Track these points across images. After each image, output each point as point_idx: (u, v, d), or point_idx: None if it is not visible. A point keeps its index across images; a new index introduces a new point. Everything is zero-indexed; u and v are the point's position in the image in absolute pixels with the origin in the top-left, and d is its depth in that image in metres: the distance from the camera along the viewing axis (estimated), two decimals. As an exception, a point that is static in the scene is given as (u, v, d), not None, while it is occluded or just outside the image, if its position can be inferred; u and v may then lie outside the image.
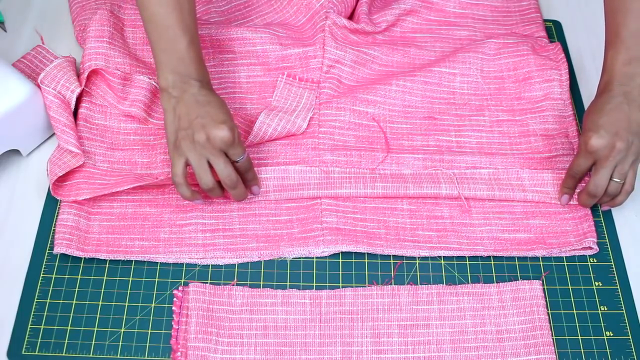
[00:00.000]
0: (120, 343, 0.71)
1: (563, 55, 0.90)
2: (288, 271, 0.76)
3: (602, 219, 0.80)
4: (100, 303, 0.74)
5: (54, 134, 0.84)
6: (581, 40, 0.97)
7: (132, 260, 0.76)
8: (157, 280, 0.75)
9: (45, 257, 0.76)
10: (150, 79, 0.85)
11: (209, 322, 0.71)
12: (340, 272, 0.76)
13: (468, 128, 0.87)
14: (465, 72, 0.90)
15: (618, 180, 0.75)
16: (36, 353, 0.71)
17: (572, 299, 0.76)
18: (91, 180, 0.79)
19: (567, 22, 0.99)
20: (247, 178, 0.77)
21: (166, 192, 0.80)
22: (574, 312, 0.75)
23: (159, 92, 0.76)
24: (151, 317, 0.73)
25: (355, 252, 0.77)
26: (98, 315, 0.73)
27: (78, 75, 0.84)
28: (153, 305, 0.74)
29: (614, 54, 0.76)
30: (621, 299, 0.76)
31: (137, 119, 0.84)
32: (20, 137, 0.82)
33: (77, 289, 0.74)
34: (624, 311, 0.75)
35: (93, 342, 0.71)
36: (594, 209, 0.80)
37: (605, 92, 0.77)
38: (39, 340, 0.71)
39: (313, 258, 0.77)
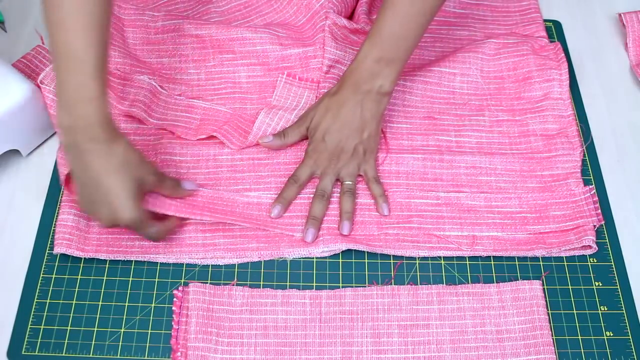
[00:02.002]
0: (120, 343, 0.71)
1: (563, 55, 0.90)
2: (288, 271, 0.76)
3: (599, 211, 0.80)
4: (100, 303, 0.74)
5: (54, 133, 0.84)
6: (581, 40, 0.97)
7: (132, 260, 0.76)
8: (157, 280, 0.75)
9: (45, 257, 0.76)
10: (150, 79, 0.85)
11: (209, 322, 0.71)
12: (340, 272, 0.76)
13: (468, 128, 0.87)
14: (465, 72, 0.90)
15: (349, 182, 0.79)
16: (36, 353, 0.71)
17: (572, 299, 0.76)
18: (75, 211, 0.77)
19: (567, 22, 0.99)
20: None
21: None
22: (574, 312, 0.75)
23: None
24: (151, 317, 0.73)
25: (355, 252, 0.77)
26: (98, 315, 0.73)
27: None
28: (153, 305, 0.74)
29: (370, 48, 0.77)
30: (621, 299, 0.76)
31: (138, 119, 0.84)
32: (20, 137, 0.82)
33: (77, 289, 0.74)
34: (624, 311, 0.75)
35: (93, 342, 0.71)
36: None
37: (347, 86, 0.78)
38: (39, 340, 0.71)
39: (313, 258, 0.77)
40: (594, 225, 0.78)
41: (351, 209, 0.78)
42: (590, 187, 0.81)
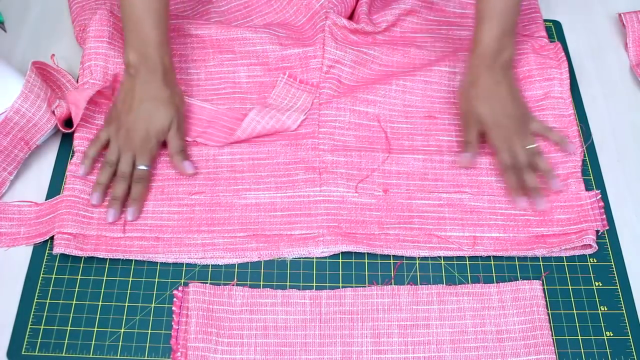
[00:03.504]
0: (120, 343, 0.71)
1: (563, 54, 0.90)
2: (288, 271, 0.76)
3: (604, 216, 0.80)
4: (100, 303, 0.74)
5: (54, 134, 0.84)
6: (581, 40, 0.97)
7: (132, 260, 0.76)
8: (157, 280, 0.75)
9: (45, 257, 0.76)
10: None
11: (209, 322, 0.71)
12: (340, 272, 0.76)
13: (468, 128, 0.87)
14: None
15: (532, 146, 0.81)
16: (36, 353, 0.71)
17: (572, 299, 0.76)
18: (74, 211, 0.77)
19: (567, 22, 0.99)
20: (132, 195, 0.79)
21: (165, 191, 0.80)
22: (574, 312, 0.75)
23: (124, 66, 0.81)
24: (151, 317, 0.73)
25: (355, 252, 0.77)
26: (98, 316, 0.73)
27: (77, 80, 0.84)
28: (153, 305, 0.74)
29: (489, 28, 0.81)
30: (621, 299, 0.76)
31: None
32: (20, 137, 0.82)
33: (77, 289, 0.74)
34: (624, 311, 0.75)
35: (93, 343, 0.71)
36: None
37: (483, 70, 0.82)
38: (39, 340, 0.71)
39: (313, 258, 0.77)
40: (597, 231, 0.78)
41: (537, 182, 0.80)
42: (597, 192, 0.80)
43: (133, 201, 0.78)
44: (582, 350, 0.72)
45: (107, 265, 0.76)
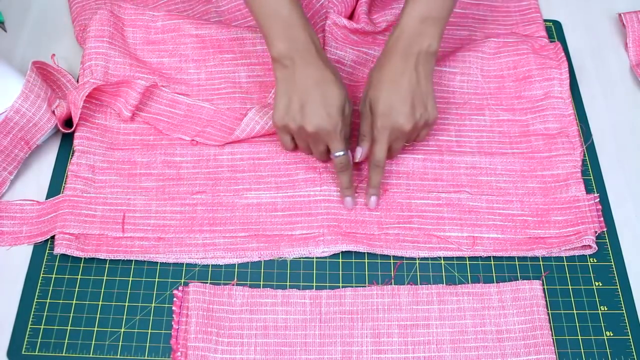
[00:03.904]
0: (120, 343, 0.71)
1: (563, 54, 0.90)
2: (288, 271, 0.76)
3: (602, 219, 0.80)
4: (100, 303, 0.74)
5: (54, 134, 0.84)
6: (581, 40, 0.97)
7: (132, 260, 0.76)
8: (157, 280, 0.75)
9: (45, 257, 0.76)
10: (148, 79, 0.85)
11: (209, 322, 0.71)
12: (340, 272, 0.76)
13: (468, 128, 0.87)
14: (465, 71, 0.90)
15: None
16: (36, 353, 0.71)
17: (572, 299, 0.76)
18: (76, 211, 0.77)
19: (567, 22, 0.99)
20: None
21: (166, 191, 0.80)
22: (574, 312, 0.75)
23: (272, 62, 0.77)
24: (151, 317, 0.73)
25: (355, 252, 0.77)
26: (98, 315, 0.73)
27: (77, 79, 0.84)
28: (153, 305, 0.74)
29: (413, 8, 0.75)
30: (621, 299, 0.76)
31: (136, 119, 0.85)
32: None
33: (77, 289, 0.74)
34: (624, 311, 0.75)
35: (93, 342, 0.71)
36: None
37: (396, 52, 0.76)
38: (39, 340, 0.71)
39: (313, 258, 0.77)
40: (595, 232, 0.78)
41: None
42: (595, 195, 0.80)
43: (345, 190, 0.78)
44: (582, 350, 0.72)
45: (107, 265, 0.76)
